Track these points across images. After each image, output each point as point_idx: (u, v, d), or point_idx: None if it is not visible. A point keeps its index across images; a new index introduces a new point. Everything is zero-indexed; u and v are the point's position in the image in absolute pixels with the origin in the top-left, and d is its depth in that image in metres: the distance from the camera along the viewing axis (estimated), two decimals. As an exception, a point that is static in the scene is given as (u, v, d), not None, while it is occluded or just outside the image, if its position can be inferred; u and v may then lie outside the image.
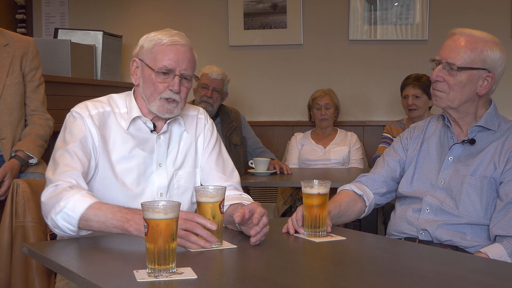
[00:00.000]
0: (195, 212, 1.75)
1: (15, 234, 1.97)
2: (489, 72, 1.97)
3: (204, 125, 2.09)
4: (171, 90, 1.87)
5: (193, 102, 3.90)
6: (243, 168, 3.83)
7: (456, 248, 1.96)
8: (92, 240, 1.74)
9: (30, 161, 2.70)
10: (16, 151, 2.68)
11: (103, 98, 1.97)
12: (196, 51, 1.97)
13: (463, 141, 2.04)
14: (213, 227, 1.60)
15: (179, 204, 1.41)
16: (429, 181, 2.07)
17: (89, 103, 1.92)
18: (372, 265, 1.54)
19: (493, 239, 1.92)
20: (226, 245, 1.65)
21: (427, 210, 2.03)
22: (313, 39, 4.70)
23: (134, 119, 1.93)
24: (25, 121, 2.82)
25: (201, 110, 2.12)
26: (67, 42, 3.88)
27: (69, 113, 1.90)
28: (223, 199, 1.67)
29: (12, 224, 1.99)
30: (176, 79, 1.87)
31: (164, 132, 1.97)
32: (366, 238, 1.91)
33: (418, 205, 2.06)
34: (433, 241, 2.00)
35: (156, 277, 1.33)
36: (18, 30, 5.16)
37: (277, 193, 4.21)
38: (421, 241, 2.01)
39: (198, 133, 2.06)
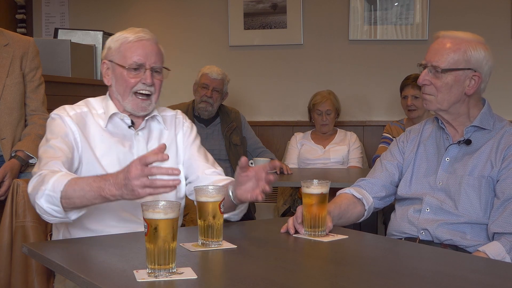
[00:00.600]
0: (193, 210, 1.76)
1: (15, 234, 1.97)
2: (475, 71, 1.98)
3: (183, 123, 2.15)
4: (143, 83, 1.95)
5: (193, 102, 3.91)
6: (243, 168, 3.83)
7: (456, 247, 1.96)
8: (92, 240, 1.74)
9: (30, 161, 2.70)
10: (16, 151, 2.68)
11: (80, 102, 2.04)
12: (196, 51, 2.01)
13: (459, 142, 2.05)
14: (164, 157, 1.55)
15: (179, 204, 1.42)
16: (427, 183, 2.08)
17: (66, 106, 1.99)
18: (372, 265, 1.54)
19: (491, 237, 1.92)
20: (226, 245, 1.65)
21: (427, 210, 2.03)
22: (313, 39, 4.70)
23: (111, 117, 1.98)
24: (25, 121, 2.82)
25: (179, 112, 2.18)
26: (67, 42, 3.88)
27: (49, 117, 1.97)
28: (223, 199, 1.67)
29: (12, 224, 1.99)
30: (148, 72, 1.95)
31: (143, 128, 2.02)
32: (366, 238, 1.91)
33: (418, 205, 2.06)
34: (434, 240, 2.00)
35: (156, 277, 1.33)
36: (18, 30, 5.16)
37: (277, 193, 4.21)
38: (421, 241, 2.02)
39: (177, 131, 2.12)
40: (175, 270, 1.36)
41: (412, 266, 1.53)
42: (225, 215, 1.93)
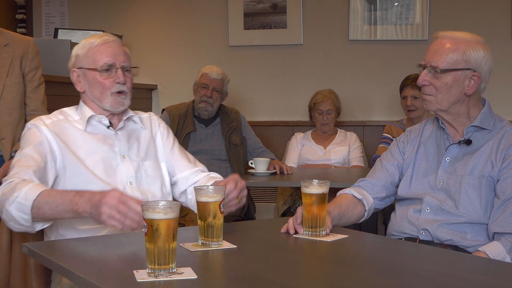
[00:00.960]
0: (193, 209, 1.77)
1: (14, 234, 1.97)
2: (474, 71, 1.98)
3: (159, 124, 2.23)
4: (118, 82, 2.03)
5: (193, 102, 3.91)
6: (243, 168, 3.83)
7: (456, 247, 1.96)
8: (92, 240, 1.74)
9: (30, 161, 2.70)
10: (16, 151, 2.68)
11: (54, 112, 2.09)
12: (196, 51, 2.04)
13: (459, 142, 2.05)
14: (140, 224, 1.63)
15: (179, 204, 1.42)
16: (427, 183, 2.08)
17: (42, 116, 2.05)
18: (372, 265, 1.54)
19: (492, 237, 1.92)
20: (226, 245, 1.65)
21: (428, 210, 2.03)
22: (313, 39, 4.69)
23: (89, 120, 2.03)
24: (25, 121, 2.82)
25: (153, 113, 2.27)
26: (67, 42, 3.88)
27: (25, 128, 2.01)
28: (223, 198, 1.67)
29: (11, 224, 1.99)
30: (119, 71, 2.04)
31: (121, 128, 2.08)
32: (366, 238, 1.91)
33: (418, 205, 2.06)
34: (434, 240, 2.00)
35: (156, 277, 1.33)
36: (18, 30, 5.16)
37: (277, 193, 4.21)
38: (421, 241, 2.02)
39: (154, 131, 2.19)
40: (175, 270, 1.36)
41: (412, 266, 1.53)
42: None
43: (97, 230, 1.91)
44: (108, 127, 2.06)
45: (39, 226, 1.79)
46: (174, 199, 2.19)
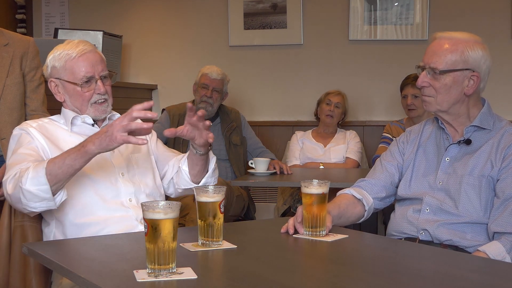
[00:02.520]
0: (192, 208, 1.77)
1: (14, 234, 1.97)
2: (473, 71, 1.98)
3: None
4: (98, 93, 2.06)
5: (193, 102, 3.91)
6: (243, 168, 3.83)
7: (456, 248, 1.96)
8: (92, 240, 1.74)
9: (30, 161, 2.70)
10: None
11: (38, 119, 2.13)
12: (196, 51, 2.06)
13: (459, 142, 2.05)
14: (153, 115, 1.71)
15: (179, 204, 1.42)
16: (427, 183, 2.08)
17: (28, 121, 2.09)
18: (372, 265, 1.54)
19: (492, 236, 1.93)
20: (226, 245, 1.65)
21: (427, 210, 2.03)
22: (313, 39, 4.69)
23: (73, 121, 2.07)
24: (25, 121, 2.82)
25: None
26: (68, 42, 3.88)
27: (13, 132, 2.04)
28: (223, 198, 1.67)
29: (10, 224, 1.99)
30: (99, 82, 2.05)
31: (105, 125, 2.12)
32: (366, 238, 1.91)
33: (418, 205, 2.06)
34: (433, 241, 2.00)
35: (156, 277, 1.33)
36: (18, 30, 5.16)
37: (277, 193, 4.21)
38: (421, 241, 2.02)
39: None
40: (175, 270, 1.36)
41: (412, 266, 1.53)
42: (203, 181, 2.10)
43: (95, 224, 1.93)
44: (92, 125, 2.09)
45: (58, 198, 1.82)
46: (166, 194, 2.24)
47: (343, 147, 4.01)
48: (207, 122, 1.94)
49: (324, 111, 4.09)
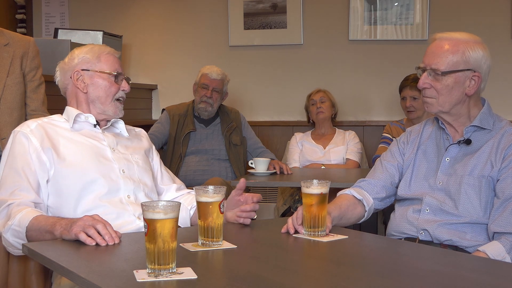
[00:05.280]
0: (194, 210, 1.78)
1: (14, 234, 1.97)
2: (474, 71, 1.98)
3: (146, 136, 2.33)
4: (123, 90, 2.15)
5: (193, 102, 3.91)
6: (243, 168, 3.83)
7: (456, 248, 1.96)
8: (92, 240, 1.74)
9: (30, 161, 2.70)
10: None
11: (36, 119, 2.12)
12: (196, 51, 2.09)
13: (459, 142, 2.05)
14: (116, 240, 1.66)
15: (179, 204, 1.42)
16: (427, 183, 2.08)
17: (28, 121, 2.08)
18: (372, 265, 1.54)
19: (491, 237, 1.93)
20: (226, 245, 1.65)
21: (427, 210, 2.03)
22: (313, 39, 4.69)
23: (76, 118, 2.08)
24: (26, 121, 2.82)
25: (142, 129, 2.37)
26: (67, 42, 3.88)
27: (12, 134, 2.04)
28: (223, 198, 1.67)
29: (11, 224, 1.99)
30: (125, 81, 2.17)
31: (107, 128, 2.16)
32: (366, 238, 1.91)
33: (418, 205, 2.06)
34: (433, 241, 2.00)
35: (156, 277, 1.33)
36: (18, 30, 5.16)
37: (277, 193, 4.21)
38: (421, 241, 2.02)
39: (139, 136, 2.29)
40: (175, 270, 1.36)
41: (412, 266, 1.53)
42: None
43: None
44: (94, 125, 2.12)
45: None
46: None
47: (342, 148, 4.00)
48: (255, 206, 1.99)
49: (313, 112, 4.11)
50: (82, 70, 2.12)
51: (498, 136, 2.01)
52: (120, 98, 2.15)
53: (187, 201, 2.23)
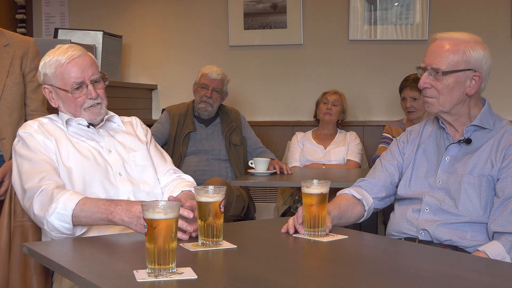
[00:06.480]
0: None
1: (14, 234, 1.97)
2: (475, 71, 1.98)
3: (140, 124, 2.29)
4: (90, 98, 2.06)
5: (193, 102, 3.91)
6: (243, 168, 3.83)
7: (456, 248, 1.96)
8: (92, 240, 1.74)
9: (30, 161, 2.70)
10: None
11: (36, 120, 2.13)
12: (196, 51, 2.05)
13: (459, 141, 2.05)
14: (189, 215, 1.70)
15: (179, 204, 1.42)
16: (427, 182, 2.08)
17: (28, 122, 2.10)
18: (372, 265, 1.54)
19: (491, 236, 1.93)
20: (226, 245, 1.65)
21: (427, 210, 2.03)
22: (313, 39, 4.69)
23: (68, 122, 2.08)
24: (25, 121, 2.82)
25: (135, 117, 2.32)
26: (67, 42, 3.85)
27: (15, 139, 2.06)
28: (223, 198, 1.67)
29: (10, 224, 1.99)
30: (90, 87, 2.05)
31: (102, 126, 2.14)
32: (366, 238, 1.91)
33: (417, 205, 2.06)
34: (433, 241, 2.00)
35: (156, 277, 1.33)
36: (18, 30, 5.16)
37: (277, 193, 4.21)
38: (421, 241, 2.02)
39: (135, 128, 2.25)
40: (175, 270, 1.36)
41: (412, 266, 1.53)
42: None
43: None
44: (88, 126, 2.11)
45: (78, 232, 1.85)
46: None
47: (343, 149, 4.00)
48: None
49: (322, 110, 4.08)
50: (48, 85, 2.10)
51: (499, 135, 2.01)
52: (91, 106, 2.08)
53: (177, 188, 2.14)
